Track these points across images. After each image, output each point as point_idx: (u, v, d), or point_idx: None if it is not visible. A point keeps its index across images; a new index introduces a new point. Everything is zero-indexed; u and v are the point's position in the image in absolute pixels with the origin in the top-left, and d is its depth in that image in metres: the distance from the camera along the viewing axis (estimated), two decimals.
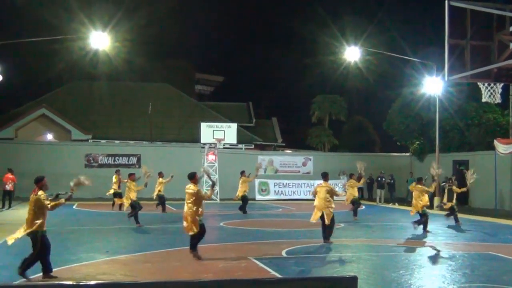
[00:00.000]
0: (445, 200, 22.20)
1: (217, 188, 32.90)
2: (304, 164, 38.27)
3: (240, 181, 25.92)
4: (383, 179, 34.07)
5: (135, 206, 20.06)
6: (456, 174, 32.73)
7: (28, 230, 11.05)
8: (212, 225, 21.16)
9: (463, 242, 17.20)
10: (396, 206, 31.47)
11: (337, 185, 36.22)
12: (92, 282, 6.46)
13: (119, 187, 26.14)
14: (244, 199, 25.78)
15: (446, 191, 22.35)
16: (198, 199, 13.03)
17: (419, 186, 19.27)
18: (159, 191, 25.12)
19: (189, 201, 13.05)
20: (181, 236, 17.87)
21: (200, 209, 13.02)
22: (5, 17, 56.09)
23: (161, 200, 25.46)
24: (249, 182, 26.57)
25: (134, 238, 17.26)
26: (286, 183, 35.44)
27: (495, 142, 26.53)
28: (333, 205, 15.99)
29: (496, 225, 22.45)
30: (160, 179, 25.28)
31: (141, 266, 12.45)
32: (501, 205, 27.69)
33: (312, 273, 11.87)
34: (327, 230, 16.00)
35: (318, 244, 15.99)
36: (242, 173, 26.37)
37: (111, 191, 25.97)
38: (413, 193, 19.47)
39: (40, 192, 11.37)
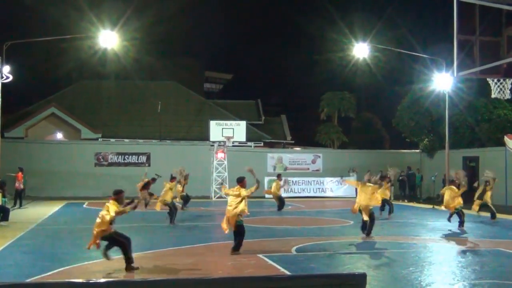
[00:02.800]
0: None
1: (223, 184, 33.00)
2: (313, 162, 38.22)
3: (275, 184, 27.07)
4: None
5: (171, 208, 20.36)
6: (466, 170, 32.68)
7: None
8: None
9: (473, 239, 17.15)
10: (406, 203, 31.44)
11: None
12: (102, 280, 6.51)
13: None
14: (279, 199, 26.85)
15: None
16: (242, 200, 13.73)
17: (453, 187, 19.51)
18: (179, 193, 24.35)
19: (233, 202, 13.74)
20: (190, 234, 17.98)
21: (240, 210, 13.67)
22: (15, 17, 56.35)
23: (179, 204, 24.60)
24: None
25: (144, 236, 17.30)
26: (296, 181, 35.37)
27: (505, 138, 26.42)
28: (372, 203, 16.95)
29: (506, 221, 22.32)
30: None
31: (151, 264, 12.48)
32: (511, 201, 27.57)
33: (322, 270, 11.87)
34: (368, 226, 16.76)
35: (328, 241, 16.00)
36: (279, 176, 27.91)
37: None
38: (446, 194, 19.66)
39: (112, 203, 11.81)
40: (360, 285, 6.59)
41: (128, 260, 11.61)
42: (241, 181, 14.10)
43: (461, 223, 19.22)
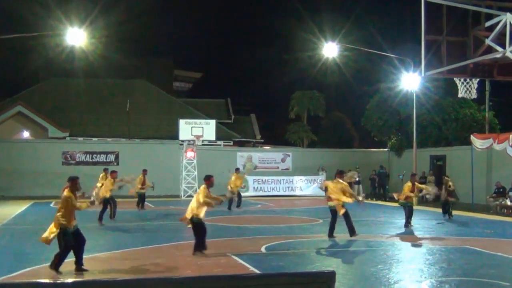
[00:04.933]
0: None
1: (195, 184, 32.91)
2: (283, 160, 38.31)
3: (234, 177, 26.08)
4: (359, 175, 34.14)
5: (106, 204, 19.96)
6: (433, 169, 33.12)
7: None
8: None
9: (440, 236, 17.36)
10: (374, 201, 31.66)
11: (316, 181, 36.43)
12: (69, 280, 6.40)
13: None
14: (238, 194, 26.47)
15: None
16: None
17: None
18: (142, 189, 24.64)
19: None
20: (159, 233, 17.85)
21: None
22: None
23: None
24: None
25: (112, 235, 17.15)
26: (265, 180, 35.41)
27: (472, 137, 26.79)
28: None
29: (472, 219, 22.66)
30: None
31: (119, 264, 12.37)
32: (477, 199, 27.94)
33: (291, 268, 11.89)
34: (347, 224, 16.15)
35: (297, 240, 16.04)
36: (237, 170, 27.14)
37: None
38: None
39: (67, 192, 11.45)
40: (329, 283, 6.59)
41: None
42: (206, 179, 13.66)
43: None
